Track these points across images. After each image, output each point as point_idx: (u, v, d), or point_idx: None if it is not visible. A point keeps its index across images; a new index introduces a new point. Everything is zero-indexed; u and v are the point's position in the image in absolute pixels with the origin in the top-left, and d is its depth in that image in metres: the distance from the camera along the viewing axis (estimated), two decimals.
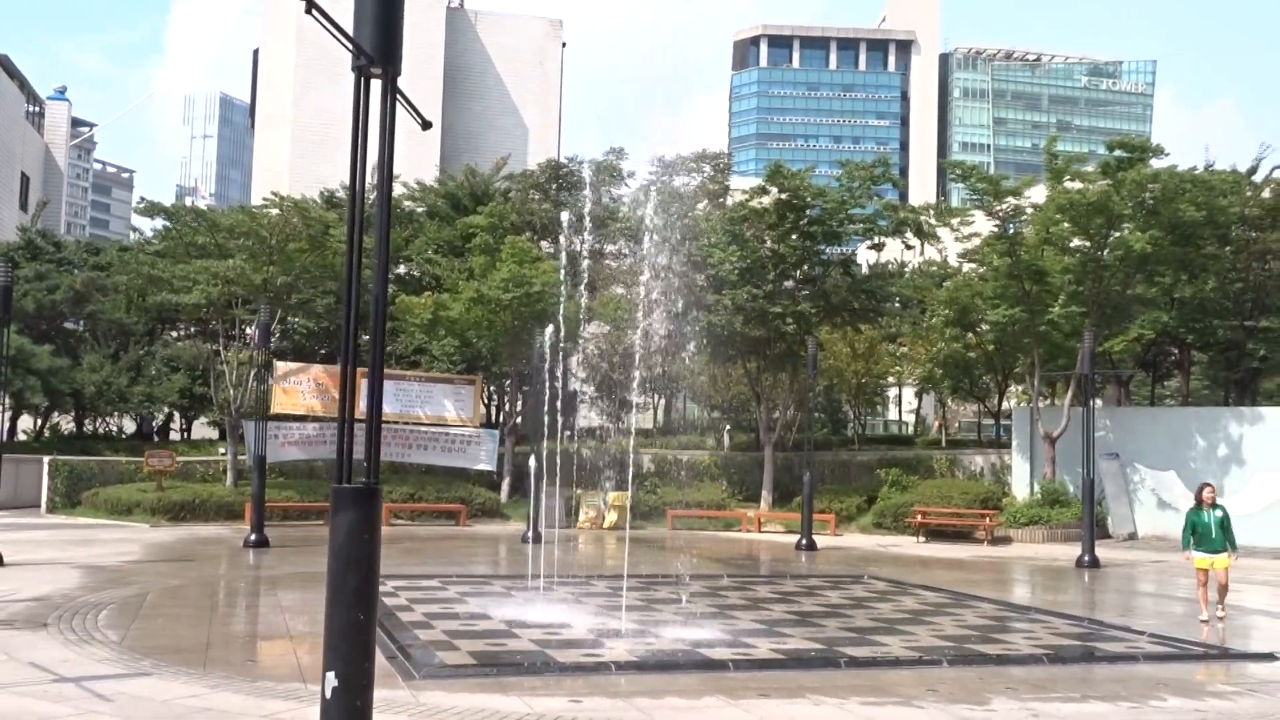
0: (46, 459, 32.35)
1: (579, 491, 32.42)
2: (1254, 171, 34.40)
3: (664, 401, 51.63)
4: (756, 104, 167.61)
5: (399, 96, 6.16)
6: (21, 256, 40.10)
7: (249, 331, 34.78)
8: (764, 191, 33.07)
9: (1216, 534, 16.04)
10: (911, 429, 55.35)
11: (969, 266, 37.24)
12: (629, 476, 30.01)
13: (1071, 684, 11.28)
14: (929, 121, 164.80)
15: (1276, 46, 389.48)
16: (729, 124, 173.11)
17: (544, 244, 42.99)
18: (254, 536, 23.49)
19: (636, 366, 33.06)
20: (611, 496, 32.16)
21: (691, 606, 16.12)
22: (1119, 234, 29.49)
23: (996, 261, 32.01)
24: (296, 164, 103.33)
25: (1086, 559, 23.86)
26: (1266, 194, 33.64)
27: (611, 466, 35.23)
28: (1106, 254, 29.87)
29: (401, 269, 40.41)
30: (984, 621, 15.55)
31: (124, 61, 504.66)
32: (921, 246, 37.37)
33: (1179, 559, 26.30)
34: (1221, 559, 15.97)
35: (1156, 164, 29.40)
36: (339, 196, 44.93)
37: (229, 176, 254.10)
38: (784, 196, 32.51)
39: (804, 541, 26.87)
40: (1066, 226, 30.07)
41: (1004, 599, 18.75)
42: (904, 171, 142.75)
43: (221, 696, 9.65)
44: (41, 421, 40.84)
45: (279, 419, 31.25)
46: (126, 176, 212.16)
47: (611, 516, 31.76)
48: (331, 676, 5.72)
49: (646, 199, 37.50)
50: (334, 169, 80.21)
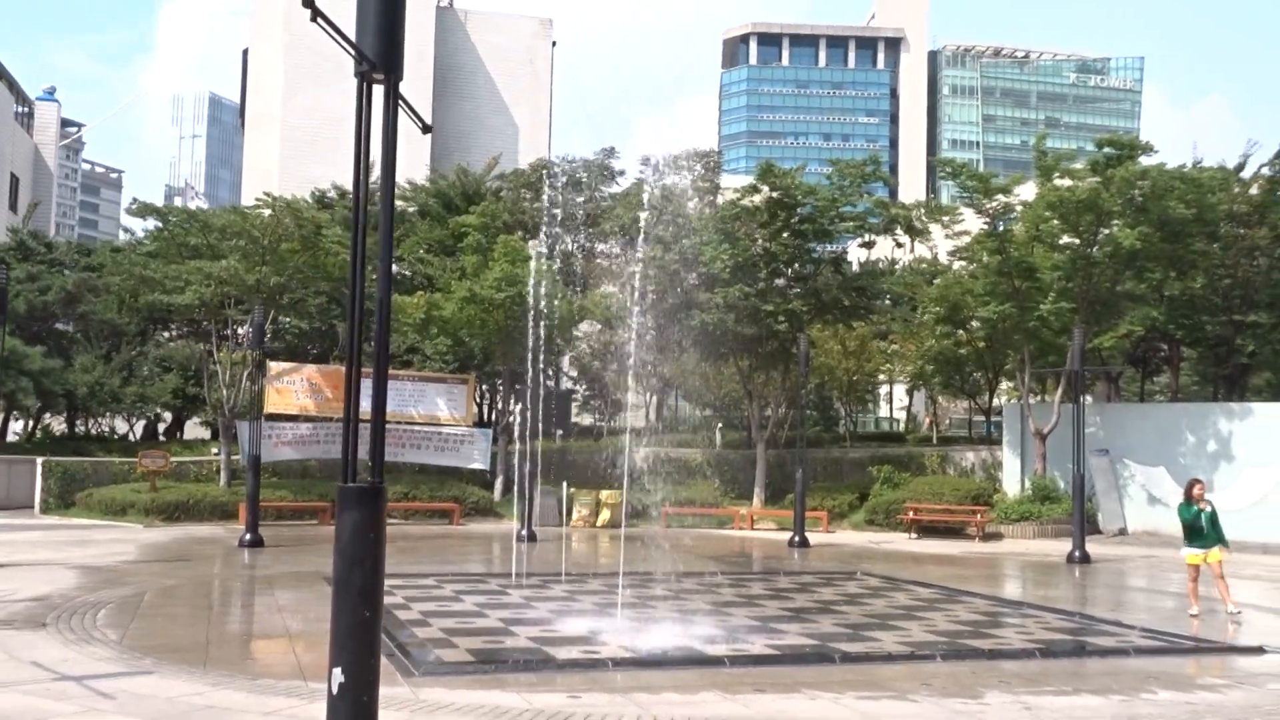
0: (40, 460, 32.35)
1: (572, 490, 32.51)
2: (1242, 168, 34.63)
3: (656, 400, 51.72)
4: (746, 102, 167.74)
5: (400, 101, 6.25)
6: (13, 258, 40.06)
7: (241, 332, 34.80)
8: (755, 190, 33.18)
9: (1208, 529, 16.20)
10: (903, 426, 55.52)
11: (959, 264, 37.43)
12: (623, 475, 30.08)
13: (1063, 678, 11.42)
14: (918, 119, 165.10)
15: (1263, 44, 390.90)
16: (719, 122, 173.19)
17: (534, 243, 43.07)
18: (249, 536, 23.52)
19: (629, 365, 33.13)
20: (604, 495, 32.26)
21: (686, 603, 16.24)
22: (1108, 231, 29.66)
23: (986, 259, 32.18)
24: (286, 164, 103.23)
25: (1077, 554, 24.04)
26: (1254, 190, 33.85)
27: (604, 465, 35.34)
28: (1096, 251, 30.04)
29: (393, 268, 40.41)
30: (976, 617, 15.69)
31: (112, 61, 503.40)
32: (912, 244, 37.50)
33: (1169, 554, 26.52)
34: (1214, 553, 16.13)
35: (1146, 161, 29.60)
36: (330, 196, 44.97)
37: (218, 176, 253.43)
38: (775, 195, 32.61)
39: (796, 538, 27.00)
40: (1056, 224, 30.25)
41: (996, 594, 18.91)
42: (893, 169, 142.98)
43: (223, 694, 9.73)
44: (34, 423, 40.82)
45: (272, 419, 31.28)
46: (115, 177, 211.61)
47: (605, 515, 31.86)
48: (339, 672, 5.81)
49: (643, 192, 37.65)
50: (324, 168, 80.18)
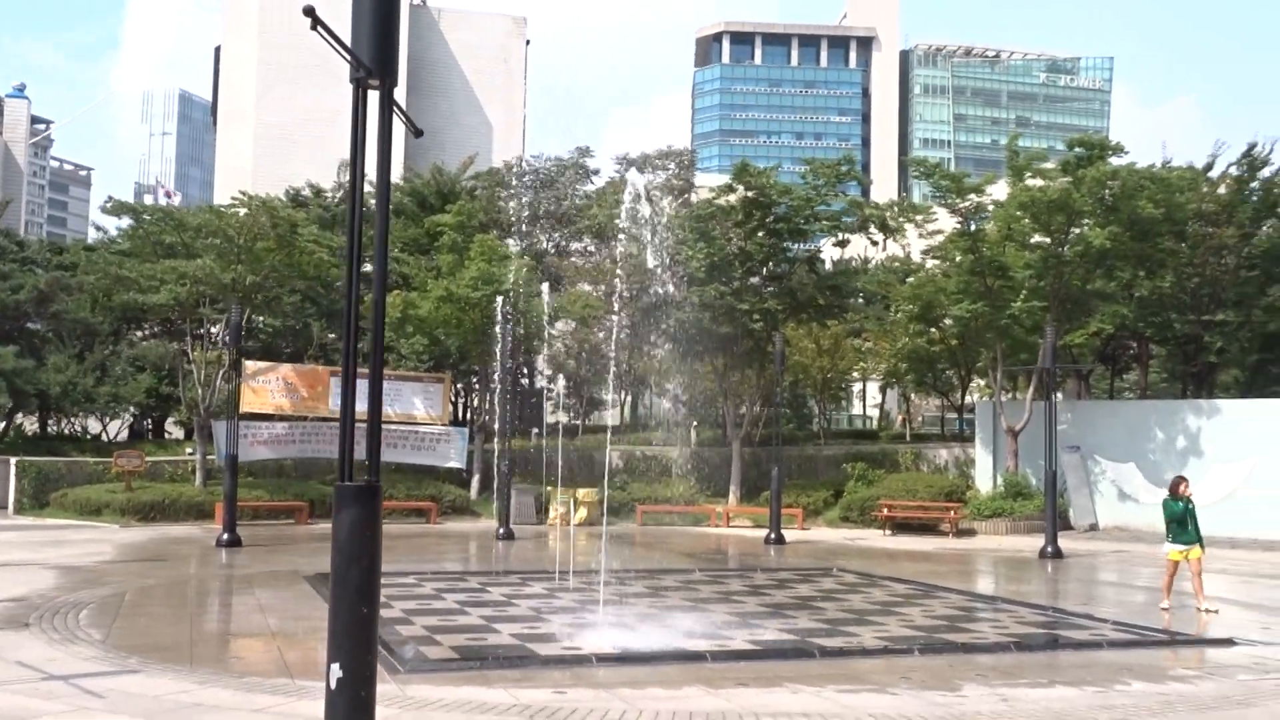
0: (14, 460, 32.15)
1: (548, 488, 32.63)
2: (1210, 168, 35.08)
3: (631, 398, 51.89)
4: (719, 100, 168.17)
5: (394, 107, 6.36)
6: None
7: (215, 331, 34.69)
8: (731, 189, 33.39)
9: (1190, 526, 16.46)
10: (876, 424, 55.89)
11: (932, 263, 37.75)
12: (602, 473, 30.24)
13: (1039, 670, 11.64)
14: (890, 118, 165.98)
15: (1231, 45, 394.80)
16: (692, 120, 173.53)
17: (510, 242, 43.14)
18: (226, 536, 23.51)
19: (608, 362, 33.30)
20: (581, 493, 32.37)
21: (666, 600, 16.39)
22: (1079, 230, 30.01)
23: (959, 257, 32.51)
24: (259, 161, 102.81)
25: (1049, 550, 24.35)
26: (1222, 190, 34.31)
27: (581, 463, 35.47)
28: (1067, 250, 30.38)
29: (369, 267, 40.35)
30: (952, 611, 15.92)
31: (80, 57, 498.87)
32: (885, 243, 37.82)
33: (1140, 549, 26.93)
34: (1194, 551, 16.39)
35: (1116, 162, 29.97)
36: (305, 195, 44.87)
37: (188, 174, 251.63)
38: (751, 194, 32.83)
39: (773, 536, 27.21)
40: (1028, 223, 30.58)
41: (970, 590, 19.16)
42: (866, 167, 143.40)
43: (211, 692, 9.80)
44: (6, 423, 40.52)
45: (248, 418, 31.21)
46: (85, 174, 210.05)
47: (581, 513, 31.96)
48: (336, 668, 5.92)
49: (619, 192, 37.74)
50: (298, 166, 79.99)
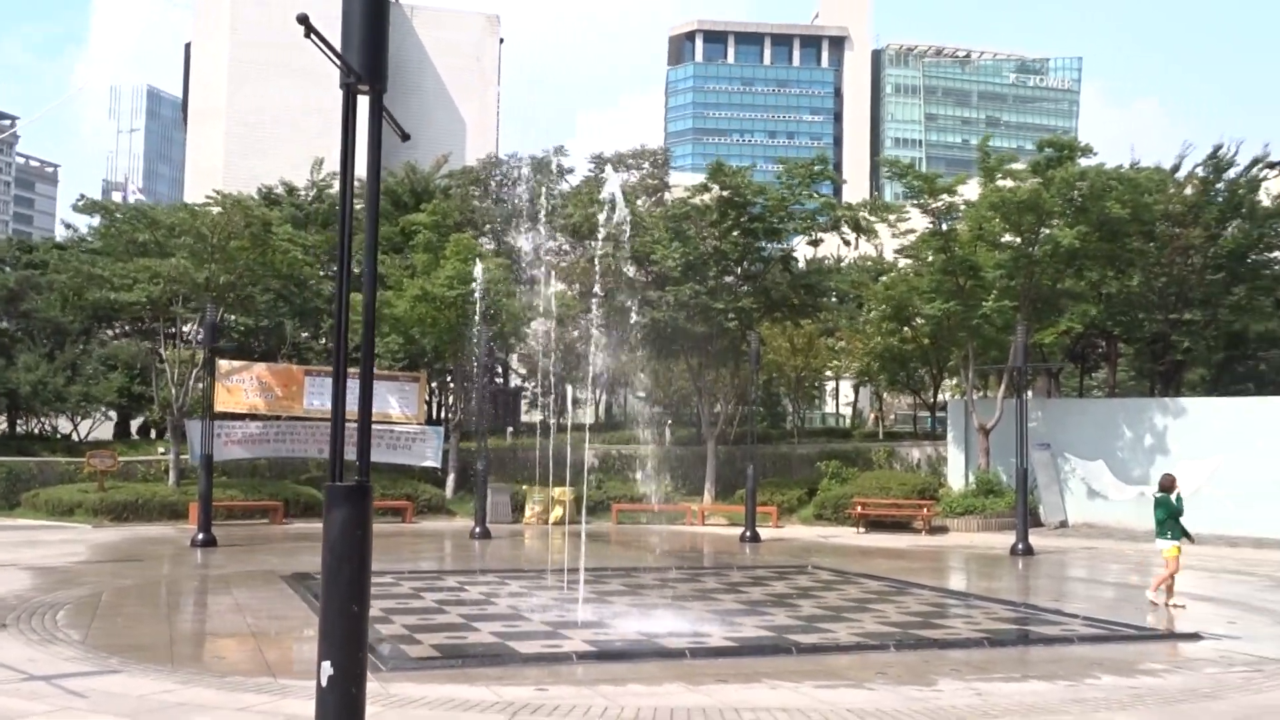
0: None
1: (524, 487, 32.71)
2: (1177, 169, 35.48)
3: (605, 397, 51.97)
4: (692, 99, 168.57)
5: (384, 112, 6.46)
6: None
7: (188, 330, 34.54)
8: (706, 189, 33.55)
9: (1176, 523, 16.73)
10: (849, 422, 56.21)
11: (905, 262, 38.03)
12: (579, 472, 30.33)
13: (1011, 665, 11.85)
14: (862, 117, 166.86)
15: (1198, 46, 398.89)
16: (665, 119, 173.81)
17: (485, 240, 43.13)
18: (201, 536, 23.46)
19: (585, 361, 33.40)
20: (557, 492, 32.45)
21: (643, 598, 16.51)
22: (1049, 230, 30.33)
23: (931, 257, 32.79)
24: (230, 159, 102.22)
25: (1020, 547, 24.64)
26: (1189, 191, 34.72)
27: (556, 462, 35.53)
28: (1037, 250, 30.69)
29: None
30: (926, 608, 16.12)
31: (44, 52, 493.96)
32: (858, 242, 38.07)
33: (1109, 545, 27.30)
34: (1177, 547, 16.66)
35: (1085, 163, 30.32)
36: (278, 192, 44.71)
37: (157, 171, 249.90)
38: (725, 194, 33.01)
39: (748, 533, 27.39)
40: (998, 223, 30.87)
41: (943, 586, 19.40)
42: (838, 166, 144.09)
43: (194, 691, 9.86)
44: None
45: (222, 418, 31.10)
46: (51, 171, 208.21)
47: (557, 512, 32.04)
48: (327, 665, 6.01)
49: (594, 190, 37.82)
50: (270, 164, 79.62)
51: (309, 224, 39.71)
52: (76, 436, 41.43)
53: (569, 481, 29.75)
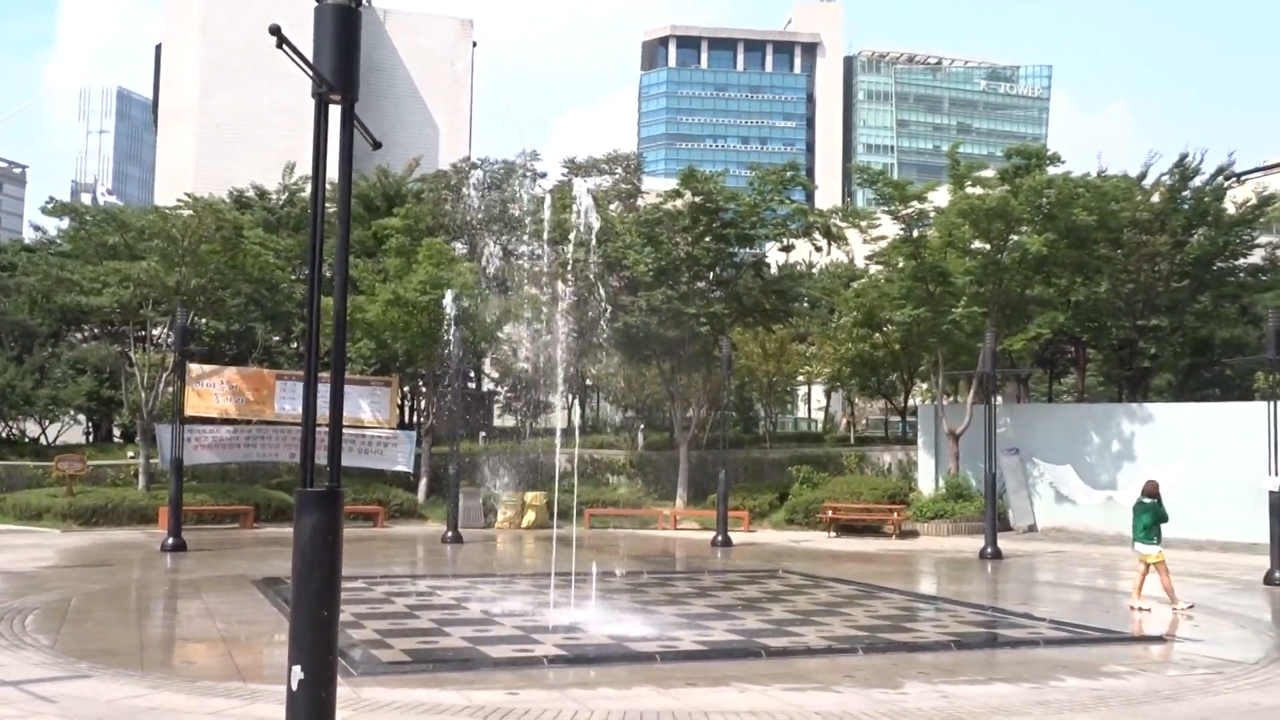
0: None
1: (496, 491, 32.71)
2: (1144, 177, 35.86)
3: (578, 402, 52.01)
4: (666, 104, 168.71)
5: (355, 121, 6.51)
6: None
7: (158, 333, 34.36)
8: (678, 195, 33.68)
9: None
10: (821, 427, 56.44)
11: (876, 268, 38.26)
12: (549, 476, 30.37)
13: (977, 667, 11.99)
14: (834, 123, 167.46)
15: (1166, 53, 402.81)
16: (639, 124, 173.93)
17: (457, 245, 43.10)
18: (171, 540, 23.37)
19: (556, 366, 33.44)
20: (529, 496, 32.49)
21: (614, 602, 16.57)
22: (1017, 237, 30.60)
23: (902, 263, 33.01)
24: (201, 162, 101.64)
25: (989, 551, 24.85)
26: (1155, 199, 35.09)
27: (529, 466, 35.56)
28: (1005, 257, 30.95)
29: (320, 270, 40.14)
30: (894, 612, 16.26)
31: (12, 52, 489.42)
32: (830, 248, 38.29)
33: (1076, 549, 27.56)
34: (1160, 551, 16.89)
35: (1052, 170, 30.64)
36: (249, 196, 44.57)
37: (127, 173, 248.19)
38: (698, 200, 33.15)
39: (719, 538, 27.50)
40: (968, 230, 31.12)
41: (912, 590, 19.56)
42: (810, 172, 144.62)
43: (164, 696, 9.86)
44: None
45: (192, 422, 30.93)
46: (19, 172, 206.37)
47: (529, 516, 32.08)
48: (298, 670, 6.05)
49: (567, 196, 37.83)
50: (240, 166, 79.20)
51: (280, 228, 39.60)
52: (45, 440, 41.13)
53: (542, 485, 29.77)
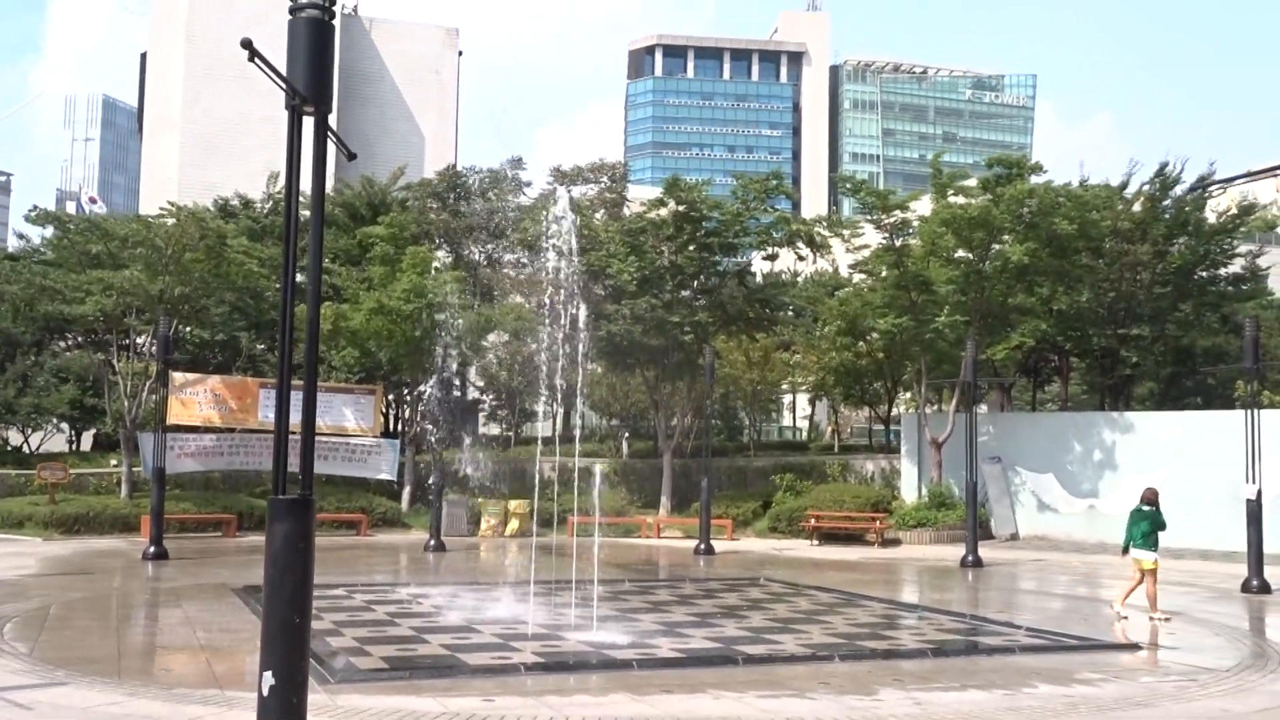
0: None
1: (480, 500, 32.72)
2: (1125, 186, 36.08)
3: (563, 410, 52.04)
4: (652, 113, 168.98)
5: (329, 132, 6.58)
6: None
7: (141, 342, 34.30)
8: (662, 203, 33.79)
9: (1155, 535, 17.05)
10: (805, 435, 56.56)
11: (859, 277, 38.40)
12: (533, 484, 30.42)
13: (953, 675, 12.05)
14: (820, 132, 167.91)
15: (1149, 63, 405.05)
16: (625, 132, 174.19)
17: (442, 253, 43.13)
18: (153, 549, 23.35)
19: (539, 376, 33.52)
20: (513, 504, 32.51)
21: (595, 609, 16.61)
22: (999, 246, 30.78)
23: (885, 272, 33.17)
24: (186, 170, 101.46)
25: (970, 559, 24.95)
26: (1137, 208, 35.32)
27: (513, 474, 35.58)
28: (987, 265, 31.14)
29: (300, 278, 40.13)
30: (874, 619, 16.33)
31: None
32: (814, 257, 38.44)
33: (1058, 557, 27.68)
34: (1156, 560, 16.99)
35: (1034, 180, 30.81)
36: (233, 205, 44.53)
37: (112, 181, 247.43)
38: (681, 209, 33.26)
39: (702, 546, 27.57)
40: (950, 239, 31.29)
41: (893, 598, 19.63)
42: (796, 181, 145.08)
43: (140, 703, 9.87)
44: None
45: (176, 430, 30.91)
46: (4, 180, 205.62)
47: (513, 524, 32.10)
48: (269, 675, 6.10)
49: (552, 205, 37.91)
50: (225, 174, 79.11)
51: (265, 236, 39.57)
52: (28, 449, 41.00)
53: (526, 494, 29.79)
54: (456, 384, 46.64)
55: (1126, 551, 17.29)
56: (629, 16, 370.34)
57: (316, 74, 6.39)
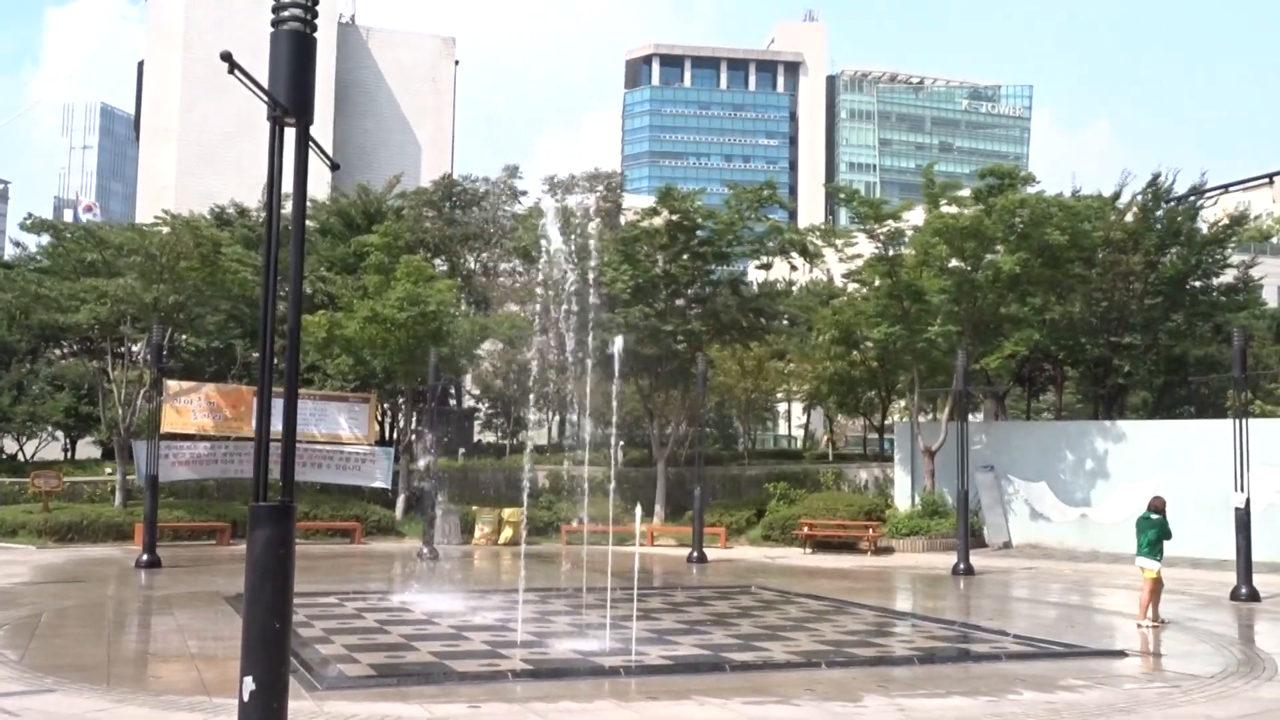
0: None
1: (474, 508, 32.75)
2: (1118, 197, 36.22)
3: (558, 418, 52.09)
4: (649, 122, 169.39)
5: (311, 142, 6.65)
6: None
7: (136, 350, 34.37)
8: (655, 213, 33.89)
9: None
10: (801, 444, 56.61)
11: (852, 286, 38.50)
12: (527, 492, 30.44)
13: (938, 681, 12.11)
14: (817, 141, 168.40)
15: (1145, 73, 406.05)
16: (622, 141, 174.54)
17: (438, 262, 43.22)
18: (146, 557, 23.38)
19: (532, 385, 33.59)
20: (507, 512, 32.55)
21: (586, 617, 16.67)
22: (991, 256, 30.87)
23: (878, 282, 33.26)
24: (182, 178, 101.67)
25: (961, 567, 25.02)
26: (1129, 218, 35.45)
27: (507, 482, 35.63)
28: (980, 275, 31.22)
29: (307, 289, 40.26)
30: (863, 627, 16.39)
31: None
32: (809, 266, 38.54)
33: (1050, 566, 27.74)
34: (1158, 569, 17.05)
35: (1026, 190, 30.95)
36: (229, 213, 44.64)
37: (110, 188, 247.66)
38: (675, 218, 33.37)
39: (695, 554, 27.61)
40: (942, 249, 31.38)
41: (883, 606, 19.67)
42: (793, 190, 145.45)
43: (128, 710, 9.93)
44: None
45: (170, 438, 30.94)
46: (1, 188, 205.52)
47: (507, 532, 32.13)
48: (249, 681, 6.16)
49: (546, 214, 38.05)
50: (221, 182, 79.27)
51: (260, 245, 39.60)
52: (22, 457, 41.04)
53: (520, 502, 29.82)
54: (452, 393, 46.73)
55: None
56: (625, 26, 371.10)
57: (299, 85, 6.47)
